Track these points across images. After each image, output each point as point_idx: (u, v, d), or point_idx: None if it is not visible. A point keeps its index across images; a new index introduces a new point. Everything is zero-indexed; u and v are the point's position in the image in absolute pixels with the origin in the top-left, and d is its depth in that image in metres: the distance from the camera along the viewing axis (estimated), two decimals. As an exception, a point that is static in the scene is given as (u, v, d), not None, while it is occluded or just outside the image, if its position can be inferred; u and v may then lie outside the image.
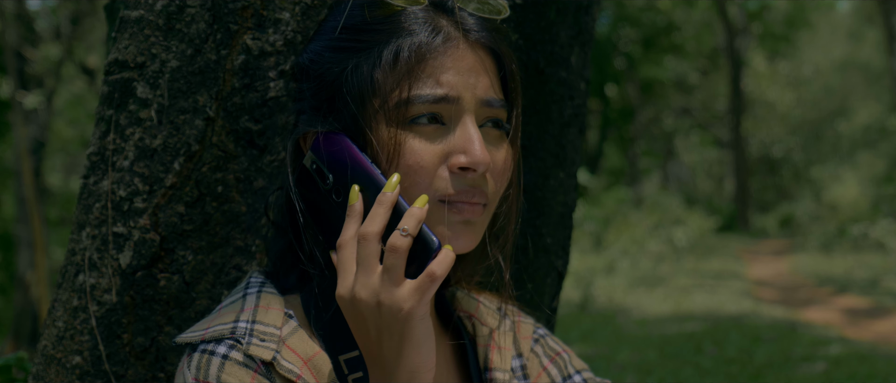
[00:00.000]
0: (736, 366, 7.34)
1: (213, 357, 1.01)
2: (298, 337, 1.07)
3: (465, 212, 1.07)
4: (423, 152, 1.06)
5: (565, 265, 1.76)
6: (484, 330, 1.22)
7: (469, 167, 1.06)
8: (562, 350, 1.28)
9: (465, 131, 1.06)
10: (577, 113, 1.71)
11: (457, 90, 1.06)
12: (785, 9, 30.55)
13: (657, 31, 29.55)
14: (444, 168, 1.06)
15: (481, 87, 1.08)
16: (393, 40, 1.06)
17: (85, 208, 1.42)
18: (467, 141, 1.06)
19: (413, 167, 1.05)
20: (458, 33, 1.08)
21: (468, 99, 1.07)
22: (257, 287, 1.11)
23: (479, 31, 1.10)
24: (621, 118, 32.09)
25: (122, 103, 1.39)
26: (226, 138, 1.37)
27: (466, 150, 1.06)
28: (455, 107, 1.06)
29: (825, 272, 14.68)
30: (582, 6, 1.69)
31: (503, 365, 1.20)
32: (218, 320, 1.06)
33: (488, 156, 1.06)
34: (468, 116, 1.07)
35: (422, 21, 1.07)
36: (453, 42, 1.07)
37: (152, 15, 1.38)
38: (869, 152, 32.09)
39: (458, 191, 1.06)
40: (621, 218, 20.30)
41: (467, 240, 1.08)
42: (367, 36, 1.08)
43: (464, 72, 1.07)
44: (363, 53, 1.07)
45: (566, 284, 10.94)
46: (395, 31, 1.07)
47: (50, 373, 1.42)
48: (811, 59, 36.32)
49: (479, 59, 1.09)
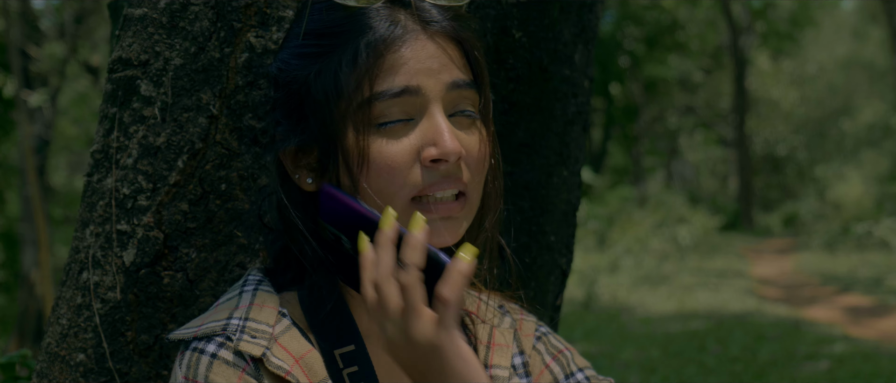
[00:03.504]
0: (740, 365, 7.33)
1: (203, 355, 1.02)
2: (291, 335, 1.07)
3: (442, 210, 1.06)
4: (392, 152, 1.05)
5: (569, 263, 1.76)
6: (484, 328, 1.22)
7: (440, 158, 1.04)
8: (564, 348, 1.28)
9: (433, 122, 1.05)
10: (581, 111, 1.71)
11: (418, 80, 1.05)
12: (789, 7, 30.50)
13: (661, 30, 29.51)
14: (416, 164, 1.05)
15: (446, 73, 1.07)
16: (351, 42, 1.05)
17: (89, 206, 1.42)
18: (436, 132, 1.05)
19: (383, 168, 1.04)
20: (416, 25, 1.07)
21: (432, 88, 1.06)
22: (254, 285, 1.12)
23: (439, 22, 1.08)
24: (625, 116, 32.05)
25: (125, 101, 1.39)
26: (229, 136, 1.37)
27: (436, 142, 1.04)
28: (419, 98, 1.05)
29: (829, 270, 14.66)
30: (585, 4, 1.69)
31: (503, 363, 1.20)
32: (212, 317, 1.07)
33: (459, 145, 1.05)
34: (435, 106, 1.06)
35: (380, 18, 1.06)
36: (411, 34, 1.06)
37: (156, 13, 1.38)
38: (873, 151, 32.03)
39: (431, 184, 1.05)
40: (625, 216, 20.29)
41: (449, 236, 1.07)
42: (328, 40, 1.07)
43: (424, 62, 1.06)
44: (324, 58, 1.06)
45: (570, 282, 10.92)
46: (354, 31, 1.06)
47: (54, 371, 1.42)
48: (815, 57, 36.25)
49: (440, 49, 1.07)
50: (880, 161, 30.12)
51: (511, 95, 1.58)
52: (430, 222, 1.05)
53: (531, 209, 1.62)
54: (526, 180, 1.61)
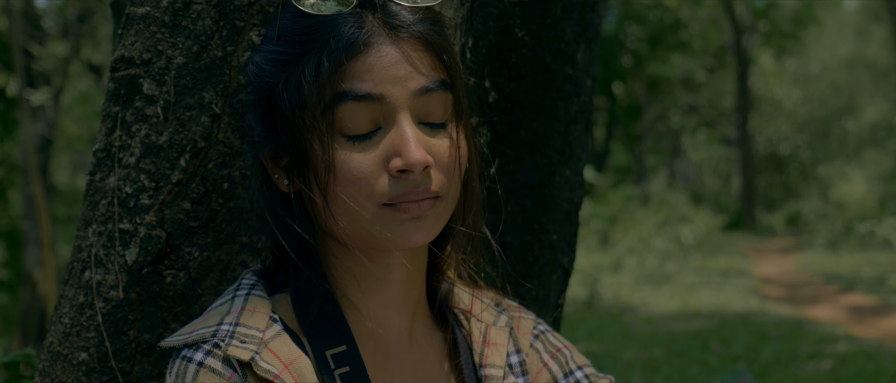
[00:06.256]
0: (743, 364, 7.32)
1: (190, 364, 1.02)
2: (281, 340, 1.07)
3: (412, 210, 1.05)
4: (358, 162, 1.04)
5: (571, 262, 1.76)
6: (479, 326, 1.22)
7: (405, 169, 1.03)
8: (563, 346, 1.27)
9: (399, 132, 1.04)
10: (583, 110, 1.71)
11: (382, 88, 1.03)
12: (792, 6, 30.48)
13: (664, 29, 29.51)
14: (384, 173, 1.04)
15: (414, 79, 1.05)
16: (315, 50, 1.04)
17: (91, 205, 1.42)
18: (401, 142, 1.03)
19: (350, 179, 1.04)
20: (382, 31, 1.05)
21: (398, 95, 1.04)
22: (247, 289, 1.11)
23: (407, 25, 1.06)
24: (628, 116, 32.05)
25: (128, 100, 1.39)
26: (232, 135, 1.37)
27: (401, 152, 1.03)
28: (384, 106, 1.04)
29: (832, 270, 14.66)
30: (588, 3, 1.68)
31: (497, 362, 1.19)
32: (203, 323, 1.07)
33: (424, 155, 1.03)
34: (402, 114, 1.04)
35: (346, 25, 1.04)
36: (377, 40, 1.04)
37: (158, 11, 1.38)
38: (876, 150, 31.99)
39: (400, 194, 1.04)
40: (628, 215, 20.29)
41: (421, 236, 1.06)
42: (296, 48, 1.05)
43: (389, 69, 1.04)
44: (292, 66, 1.05)
45: (572, 282, 10.93)
46: (319, 40, 1.04)
47: (56, 370, 1.43)
48: (818, 56, 36.21)
49: (406, 53, 1.05)
50: (883, 160, 30.08)
51: (513, 94, 1.58)
52: (398, 224, 1.05)
53: (534, 208, 1.62)
54: (528, 179, 1.61)
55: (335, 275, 1.12)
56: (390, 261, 1.11)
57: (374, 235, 1.06)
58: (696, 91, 33.97)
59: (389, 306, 1.14)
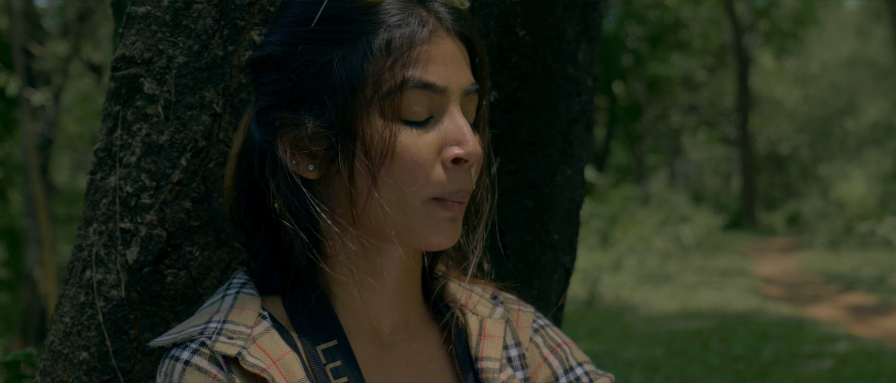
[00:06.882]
0: (743, 364, 7.33)
1: (177, 363, 1.02)
2: (270, 336, 1.07)
3: (455, 209, 1.07)
4: (418, 147, 1.04)
5: (572, 261, 1.76)
6: (475, 320, 1.21)
7: (463, 158, 1.05)
8: (563, 342, 1.26)
9: (455, 122, 1.06)
10: (584, 109, 1.71)
11: (445, 80, 1.05)
12: (792, 5, 30.48)
13: (664, 28, 29.51)
14: (438, 163, 1.06)
15: (464, 76, 1.08)
16: (381, 30, 1.05)
17: (92, 204, 1.42)
18: (459, 132, 1.06)
19: (408, 163, 1.04)
20: (439, 24, 1.08)
21: (454, 89, 1.07)
22: (237, 288, 1.11)
23: (455, 21, 1.10)
24: (628, 115, 32.05)
25: (129, 99, 1.39)
26: (233, 134, 1.37)
27: (460, 141, 1.05)
28: (443, 97, 1.06)
29: (832, 269, 14.66)
30: (589, 2, 1.68)
31: (494, 354, 1.18)
32: (192, 323, 1.07)
33: (478, 147, 1.06)
34: (455, 107, 1.07)
35: (405, 12, 1.06)
36: (438, 33, 1.07)
37: (159, 11, 1.38)
38: (876, 149, 31.97)
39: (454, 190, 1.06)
40: (628, 215, 20.28)
41: (451, 236, 1.08)
42: (351, 26, 1.05)
43: (449, 62, 1.07)
44: (348, 44, 1.05)
45: (573, 281, 10.93)
46: (382, 22, 1.05)
47: (57, 369, 1.43)
48: (819, 56, 36.21)
49: (458, 49, 1.09)
50: (884, 160, 30.06)
51: (514, 94, 1.58)
52: (437, 222, 1.06)
53: (535, 207, 1.62)
54: (529, 178, 1.61)
55: (332, 269, 1.11)
56: (392, 256, 1.12)
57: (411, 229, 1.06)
58: (696, 90, 33.98)
59: (385, 300, 1.14)
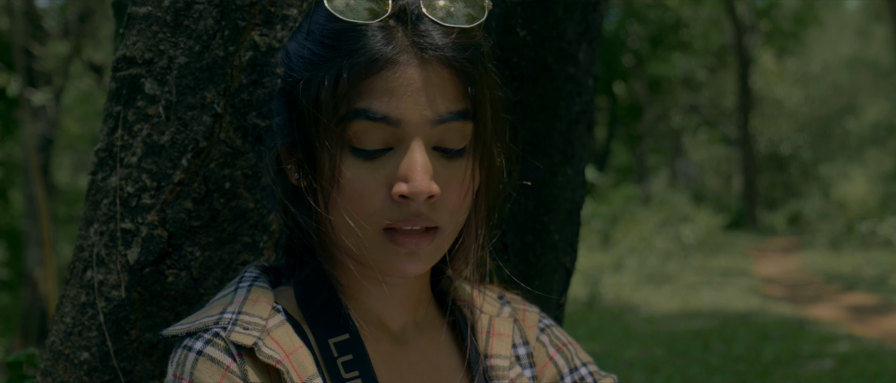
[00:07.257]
0: (744, 364, 7.33)
1: (190, 352, 1.02)
2: (284, 330, 1.07)
3: (407, 245, 1.03)
4: (363, 180, 1.02)
5: (573, 262, 1.76)
6: (483, 318, 1.21)
7: (407, 196, 1.01)
8: (567, 341, 1.27)
9: (409, 158, 1.00)
10: (585, 109, 1.71)
11: (400, 112, 1.00)
12: (793, 6, 30.48)
13: (665, 29, 29.51)
14: (386, 196, 1.02)
15: (434, 106, 1.01)
16: (338, 59, 1.01)
17: (93, 204, 1.42)
18: (408, 168, 1.00)
19: (352, 194, 1.02)
20: (411, 49, 1.01)
21: (415, 121, 1.00)
22: (249, 281, 1.11)
23: (437, 47, 1.01)
24: (629, 115, 32.06)
25: (130, 100, 1.39)
26: (233, 134, 1.37)
27: (407, 178, 1.00)
28: (399, 129, 1.01)
29: (833, 269, 14.65)
30: (590, 3, 1.68)
31: (503, 352, 1.19)
32: (206, 313, 1.07)
33: (429, 185, 1.00)
34: (415, 141, 1.01)
35: (375, 38, 1.01)
36: (404, 58, 1.01)
37: (160, 11, 1.38)
38: (877, 150, 31.95)
39: (398, 219, 1.02)
40: (629, 215, 20.28)
41: (414, 268, 1.05)
42: (322, 50, 1.03)
43: (410, 93, 1.00)
44: (315, 68, 1.03)
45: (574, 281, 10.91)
46: (345, 48, 1.01)
47: (58, 369, 1.43)
48: (819, 56, 36.19)
49: (430, 78, 1.01)
50: (885, 160, 30.05)
51: (515, 94, 1.58)
52: (392, 255, 1.04)
53: (535, 208, 1.62)
54: (530, 179, 1.61)
55: (338, 272, 1.12)
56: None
57: (370, 257, 1.05)
58: (697, 91, 33.97)
59: (392, 303, 1.14)
